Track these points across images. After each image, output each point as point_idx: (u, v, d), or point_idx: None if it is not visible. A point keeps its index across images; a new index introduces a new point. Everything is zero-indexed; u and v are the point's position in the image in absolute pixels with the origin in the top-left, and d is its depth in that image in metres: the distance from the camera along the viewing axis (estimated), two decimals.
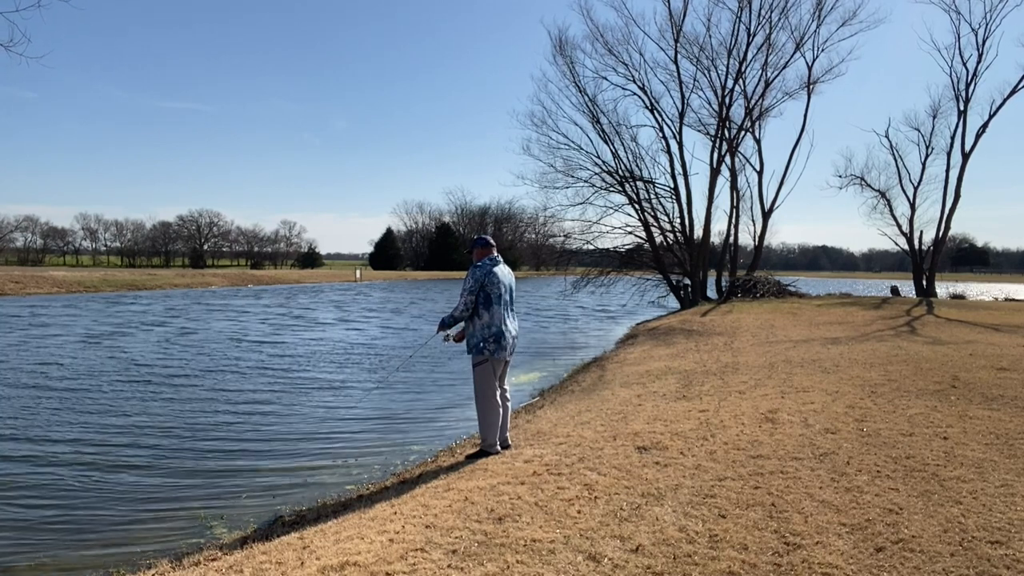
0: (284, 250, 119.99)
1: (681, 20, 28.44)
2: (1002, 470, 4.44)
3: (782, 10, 27.79)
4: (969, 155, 27.33)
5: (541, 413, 7.88)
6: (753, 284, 28.29)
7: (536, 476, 4.58)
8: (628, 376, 9.91)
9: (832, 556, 3.16)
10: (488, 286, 5.28)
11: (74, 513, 5.33)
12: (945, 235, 29.06)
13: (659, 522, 3.62)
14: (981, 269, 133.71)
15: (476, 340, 5.33)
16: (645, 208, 29.58)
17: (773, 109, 30.26)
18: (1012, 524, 3.51)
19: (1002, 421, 5.81)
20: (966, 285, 54.98)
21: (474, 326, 5.34)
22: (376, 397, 9.95)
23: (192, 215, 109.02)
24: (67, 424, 7.94)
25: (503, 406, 5.51)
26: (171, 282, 45.84)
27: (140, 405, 9.04)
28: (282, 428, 8.02)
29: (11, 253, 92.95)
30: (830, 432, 5.48)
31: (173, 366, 12.34)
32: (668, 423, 6.04)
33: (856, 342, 12.02)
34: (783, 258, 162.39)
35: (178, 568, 3.87)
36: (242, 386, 10.53)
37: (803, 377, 8.28)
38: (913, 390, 7.26)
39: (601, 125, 29.50)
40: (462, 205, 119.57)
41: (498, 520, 3.74)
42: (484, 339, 5.29)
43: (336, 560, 3.31)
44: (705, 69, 29.22)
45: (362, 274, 71.17)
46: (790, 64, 29.96)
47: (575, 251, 32.00)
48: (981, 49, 26.78)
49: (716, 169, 29.08)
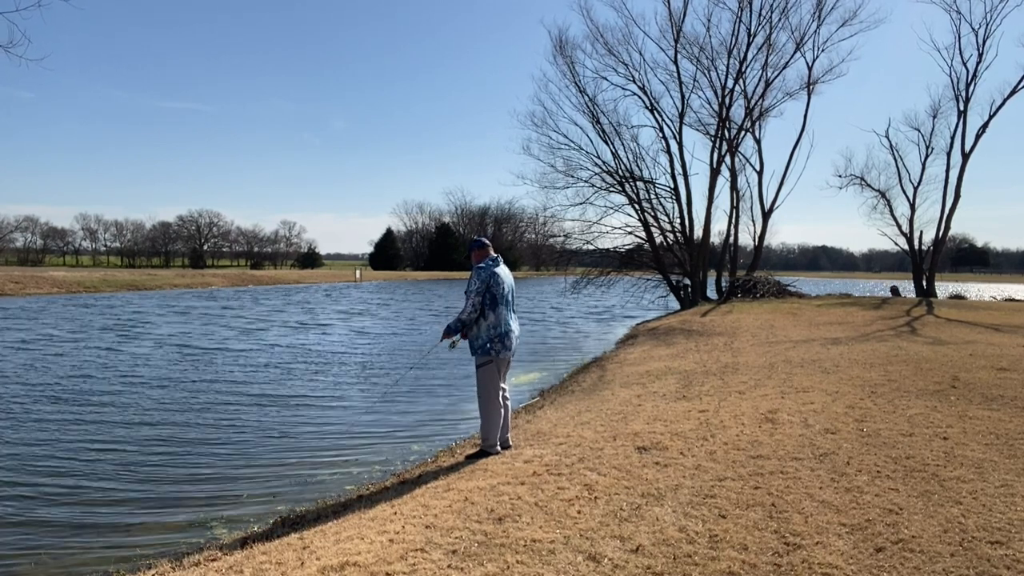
0: (284, 250, 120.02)
1: (681, 20, 28.49)
2: (1002, 470, 4.44)
3: (782, 10, 27.84)
4: (969, 155, 27.35)
5: (541, 413, 7.88)
6: (753, 284, 28.29)
7: (536, 476, 4.58)
8: (628, 376, 9.91)
9: (832, 556, 3.16)
10: (493, 287, 5.33)
11: (74, 513, 5.33)
12: (945, 235, 29.07)
13: (659, 522, 3.62)
14: (981, 269, 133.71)
15: (482, 341, 5.36)
16: (645, 208, 29.61)
17: (773, 109, 30.31)
18: (1012, 524, 3.51)
19: (1002, 421, 5.81)
20: (966, 285, 55.00)
21: (479, 327, 5.37)
22: (376, 397, 9.94)
23: (192, 215, 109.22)
24: (67, 424, 7.94)
25: (503, 406, 5.53)
26: (171, 282, 45.84)
27: (140, 406, 9.04)
28: (282, 428, 8.02)
29: (11, 253, 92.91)
30: (830, 432, 5.48)
31: (173, 368, 12.34)
32: (668, 423, 6.04)
33: (856, 342, 12.02)
34: (783, 258, 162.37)
35: (178, 568, 3.87)
36: (242, 388, 10.53)
37: (803, 377, 8.28)
38: (913, 390, 7.26)
39: (601, 125, 29.54)
40: (462, 205, 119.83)
41: (498, 520, 3.74)
42: (490, 339, 5.33)
43: (336, 560, 3.31)
44: (705, 69, 29.25)
45: (362, 274, 71.16)
46: (790, 64, 30.02)
47: (575, 251, 32.01)
48: (981, 49, 26.81)
49: (716, 169, 29.09)
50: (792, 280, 31.70)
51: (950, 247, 79.64)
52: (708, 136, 30.07)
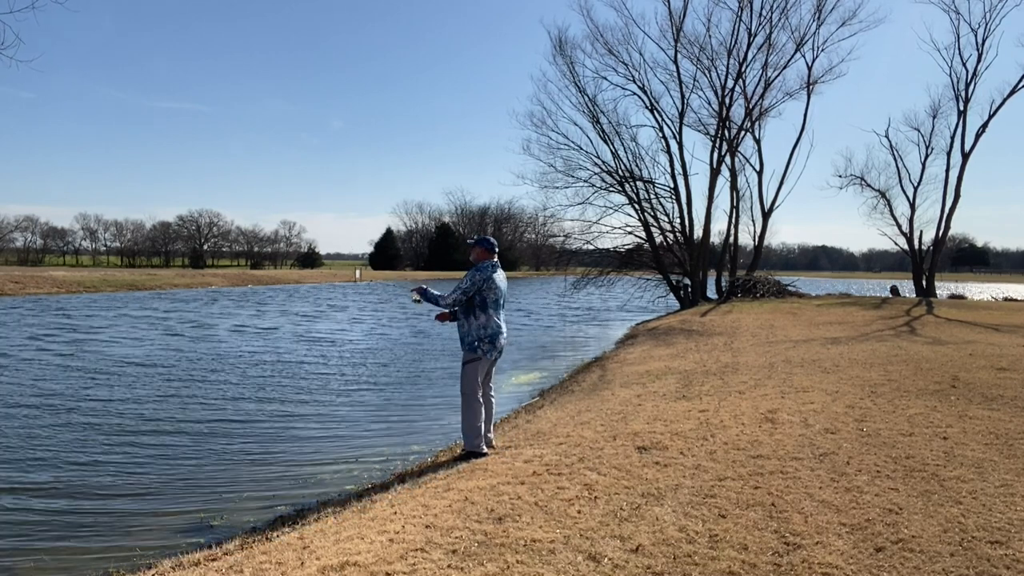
0: (284, 250, 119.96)
1: (681, 20, 28.47)
2: (1002, 470, 4.44)
3: (782, 10, 27.81)
4: (969, 155, 27.35)
5: (541, 413, 7.88)
6: (753, 284, 28.29)
7: (536, 476, 4.58)
8: (628, 376, 9.91)
9: (832, 556, 3.16)
10: (486, 291, 5.52)
11: (74, 513, 5.32)
12: (945, 235, 29.08)
13: (659, 522, 3.62)
14: (981, 269, 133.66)
15: (471, 339, 5.55)
16: (645, 208, 29.61)
17: (773, 109, 30.29)
18: (1012, 524, 3.51)
19: (1002, 421, 5.81)
20: (966, 285, 54.97)
21: (470, 325, 5.56)
22: (376, 397, 9.95)
23: (192, 215, 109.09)
24: (67, 424, 7.94)
25: (487, 403, 5.72)
26: (171, 282, 45.84)
27: (139, 406, 9.04)
28: (282, 428, 8.02)
29: (11, 253, 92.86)
30: (830, 432, 5.48)
31: (173, 368, 12.34)
32: (668, 423, 6.04)
33: (856, 342, 12.02)
34: (783, 258, 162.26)
35: (178, 568, 3.87)
36: (242, 387, 10.53)
37: (803, 377, 8.28)
38: (913, 390, 7.26)
39: (601, 125, 29.53)
40: (462, 205, 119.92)
41: (498, 520, 3.74)
42: (479, 339, 5.53)
43: (336, 560, 3.31)
44: (705, 69, 29.24)
45: (362, 274, 71.18)
46: (790, 64, 29.99)
47: (575, 251, 31.98)
48: (981, 49, 26.81)
49: (716, 169, 29.08)
50: (792, 280, 31.71)
51: (950, 247, 79.49)
52: (708, 136, 30.11)
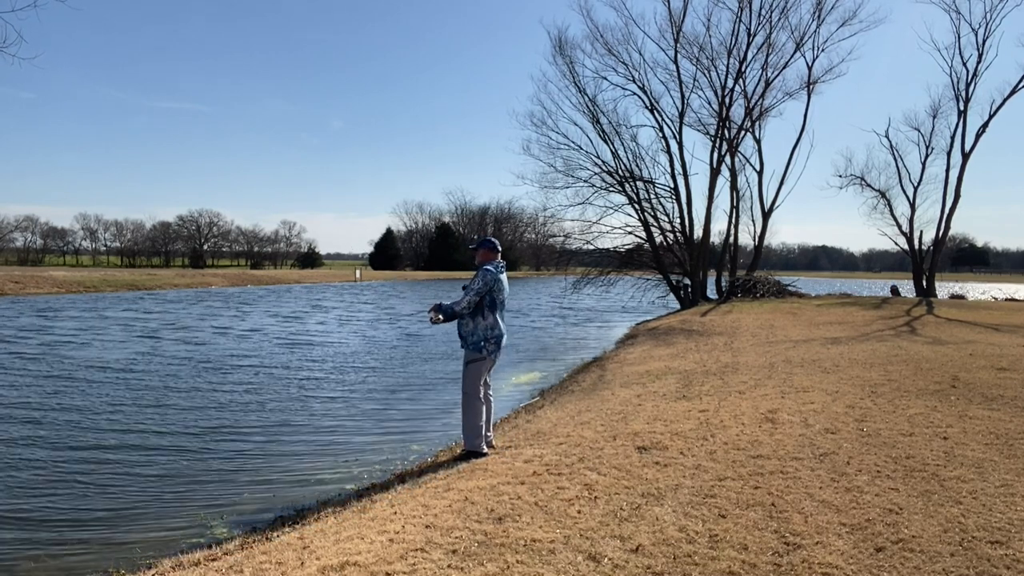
0: (284, 250, 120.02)
1: (681, 20, 28.47)
2: (1002, 470, 4.44)
3: (782, 10, 27.80)
4: (969, 155, 27.34)
5: (541, 413, 7.88)
6: (753, 284, 28.29)
7: (536, 476, 4.58)
8: (628, 376, 9.91)
9: (832, 556, 3.16)
10: (495, 292, 5.61)
11: (75, 513, 5.33)
12: (945, 235, 29.07)
13: (659, 522, 3.62)
14: (981, 269, 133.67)
15: (477, 339, 5.58)
16: (645, 208, 29.61)
17: (773, 109, 30.26)
18: (1012, 524, 3.51)
19: (1002, 421, 5.81)
20: (966, 285, 54.98)
21: (476, 325, 5.60)
22: (376, 397, 9.95)
23: (192, 215, 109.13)
24: (66, 424, 7.94)
25: (487, 403, 5.74)
26: (171, 282, 45.84)
27: (139, 406, 9.04)
28: (282, 428, 8.02)
29: (11, 253, 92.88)
30: (830, 432, 5.48)
31: (172, 368, 12.34)
32: (668, 423, 6.04)
33: (856, 342, 12.02)
34: (783, 258, 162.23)
35: (178, 568, 3.87)
36: (242, 387, 10.53)
37: (803, 377, 8.28)
38: (913, 390, 7.25)
39: (601, 125, 29.53)
40: (462, 205, 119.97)
41: (498, 520, 3.74)
42: (486, 339, 5.59)
43: (336, 560, 3.31)
44: (705, 69, 29.23)
45: (362, 274, 71.19)
46: (790, 64, 30.00)
47: (575, 251, 32.01)
48: (981, 49, 26.79)
49: (716, 169, 29.08)
50: (792, 280, 31.71)
51: (950, 247, 79.56)
52: (708, 136, 30.10)
